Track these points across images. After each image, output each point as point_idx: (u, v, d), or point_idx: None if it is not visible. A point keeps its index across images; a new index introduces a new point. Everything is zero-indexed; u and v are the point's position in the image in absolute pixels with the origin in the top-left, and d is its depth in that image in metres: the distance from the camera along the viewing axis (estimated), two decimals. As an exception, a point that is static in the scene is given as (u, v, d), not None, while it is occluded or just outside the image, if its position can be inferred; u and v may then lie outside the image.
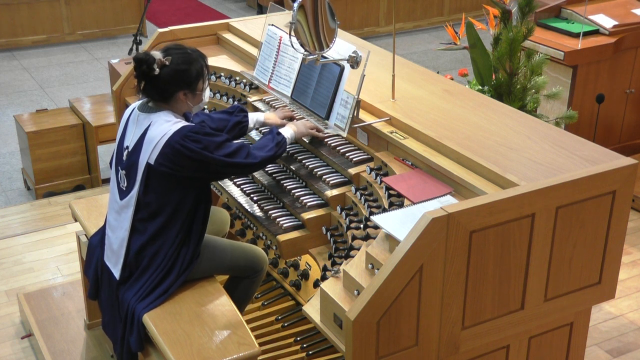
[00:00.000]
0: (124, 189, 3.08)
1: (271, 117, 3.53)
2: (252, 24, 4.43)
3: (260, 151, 3.14)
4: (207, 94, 3.18)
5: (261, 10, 10.00)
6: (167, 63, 3.00)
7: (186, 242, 3.08)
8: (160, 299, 3.04)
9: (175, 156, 2.94)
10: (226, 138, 3.06)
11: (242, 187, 3.49)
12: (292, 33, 3.16)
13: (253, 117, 3.50)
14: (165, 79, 3.00)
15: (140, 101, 3.13)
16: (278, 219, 3.23)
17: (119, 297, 3.12)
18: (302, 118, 3.50)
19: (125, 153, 3.08)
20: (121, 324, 3.12)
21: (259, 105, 3.85)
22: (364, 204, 3.03)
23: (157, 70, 2.98)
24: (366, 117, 3.29)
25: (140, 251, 3.06)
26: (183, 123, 3.02)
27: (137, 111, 3.09)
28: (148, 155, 2.98)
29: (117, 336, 3.17)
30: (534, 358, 2.95)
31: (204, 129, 3.02)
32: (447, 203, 2.64)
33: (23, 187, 5.98)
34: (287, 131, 3.31)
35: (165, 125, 2.99)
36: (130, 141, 3.07)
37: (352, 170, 3.20)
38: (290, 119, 3.54)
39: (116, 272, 3.13)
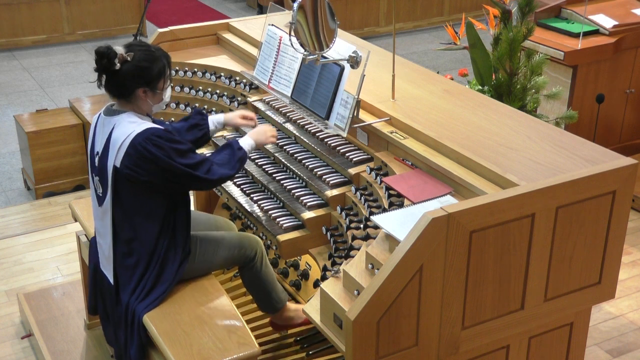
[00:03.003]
0: (100, 194, 3.08)
1: (231, 117, 3.48)
2: (252, 24, 4.43)
3: (221, 168, 3.09)
4: (168, 94, 3.16)
5: (261, 10, 10.00)
6: (128, 59, 2.98)
7: (173, 241, 3.08)
8: (159, 299, 3.04)
9: (137, 158, 2.92)
10: (190, 148, 3.03)
11: (242, 187, 3.49)
12: (292, 33, 3.16)
13: (214, 120, 3.47)
14: (125, 75, 2.98)
15: (106, 106, 3.12)
16: (278, 219, 3.23)
17: (118, 302, 3.12)
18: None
19: (96, 159, 3.07)
20: (122, 329, 3.13)
21: (259, 105, 3.85)
22: (364, 204, 3.03)
23: (118, 65, 2.96)
24: (366, 117, 3.29)
25: (126, 255, 3.07)
26: (148, 124, 2.99)
27: (103, 115, 3.08)
28: (114, 157, 2.96)
29: (120, 344, 3.18)
30: (534, 358, 2.95)
31: (169, 134, 2.97)
32: (447, 203, 2.64)
33: (23, 187, 5.98)
34: (247, 142, 3.27)
35: (129, 127, 2.97)
36: (99, 146, 3.05)
37: (352, 170, 3.20)
38: (250, 119, 3.51)
39: (110, 277, 3.14)
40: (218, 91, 4.12)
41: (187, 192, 3.14)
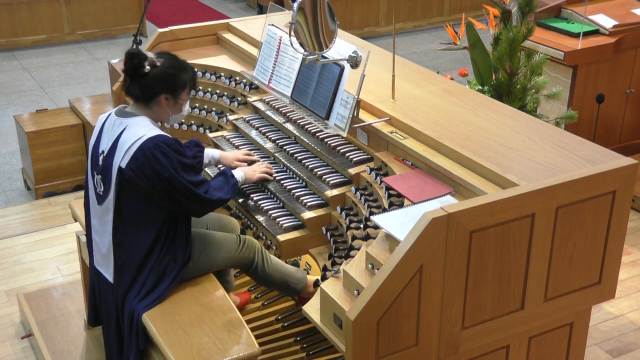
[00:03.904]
0: (101, 193, 3.08)
1: (227, 156, 3.51)
2: (252, 24, 4.43)
3: (218, 191, 3.13)
4: (187, 108, 3.19)
5: (261, 10, 10.00)
6: (158, 64, 3.03)
7: (172, 246, 3.07)
8: (160, 299, 3.04)
9: (142, 163, 2.93)
10: (194, 165, 3.05)
11: (242, 187, 3.49)
12: (292, 33, 3.16)
13: (209, 153, 3.49)
14: (153, 79, 3.01)
15: (117, 107, 3.14)
16: (278, 219, 3.23)
17: (118, 302, 3.12)
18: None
19: (101, 158, 3.07)
20: (113, 327, 3.13)
21: (259, 105, 3.85)
22: (364, 204, 3.03)
23: (148, 68, 3.00)
24: (366, 117, 3.29)
25: (128, 253, 3.06)
26: (159, 131, 3.00)
27: (114, 116, 3.09)
28: (120, 158, 2.97)
29: (112, 344, 3.18)
30: (534, 358, 2.95)
31: (178, 146, 2.98)
32: (447, 203, 2.64)
33: (23, 187, 5.98)
34: (238, 173, 3.30)
35: (140, 130, 2.98)
36: (105, 146, 3.06)
37: (352, 170, 3.20)
38: (247, 163, 3.50)
39: (109, 276, 3.13)
40: (218, 91, 4.12)
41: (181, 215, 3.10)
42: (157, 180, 2.94)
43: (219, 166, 3.54)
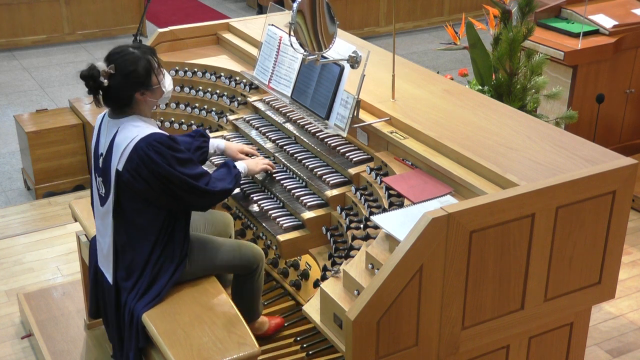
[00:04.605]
0: (103, 195, 3.08)
1: (232, 147, 3.50)
2: (252, 24, 4.43)
3: (221, 182, 3.10)
4: (168, 82, 3.12)
5: (261, 10, 10.00)
6: (112, 71, 2.95)
7: (170, 245, 3.07)
8: (157, 299, 3.03)
9: (138, 164, 2.91)
10: (191, 158, 3.03)
11: (242, 187, 3.49)
12: (292, 33, 3.16)
13: (214, 143, 3.48)
14: (117, 87, 2.95)
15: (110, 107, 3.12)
16: (278, 219, 3.23)
17: (117, 301, 3.12)
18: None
19: (100, 160, 3.06)
20: (116, 328, 3.13)
21: (259, 105, 3.85)
22: (364, 204, 3.03)
23: (105, 81, 2.94)
24: (366, 117, 3.29)
25: (126, 254, 3.07)
26: (152, 129, 2.97)
27: (107, 117, 3.07)
28: (117, 161, 2.96)
29: (115, 344, 3.19)
30: (534, 358, 2.95)
31: (171, 142, 2.95)
32: (447, 203, 2.64)
33: (23, 187, 5.98)
34: (241, 166, 3.29)
35: (133, 131, 2.95)
36: (103, 148, 3.05)
37: (352, 170, 3.20)
38: (250, 155, 3.51)
39: (109, 277, 3.14)
40: (218, 91, 4.12)
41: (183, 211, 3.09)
42: (154, 180, 2.92)
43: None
